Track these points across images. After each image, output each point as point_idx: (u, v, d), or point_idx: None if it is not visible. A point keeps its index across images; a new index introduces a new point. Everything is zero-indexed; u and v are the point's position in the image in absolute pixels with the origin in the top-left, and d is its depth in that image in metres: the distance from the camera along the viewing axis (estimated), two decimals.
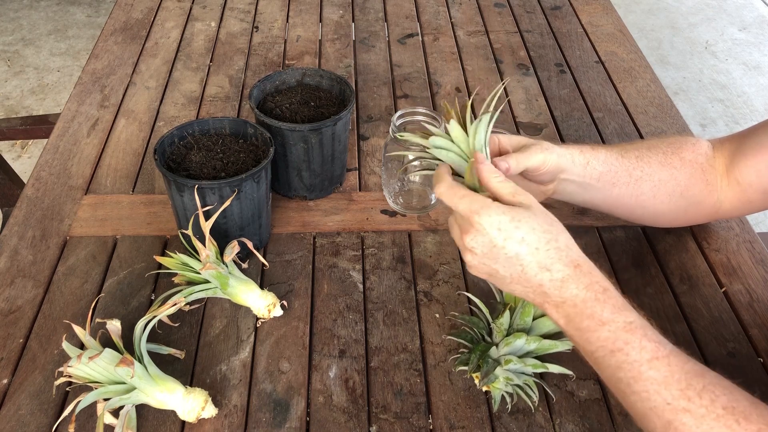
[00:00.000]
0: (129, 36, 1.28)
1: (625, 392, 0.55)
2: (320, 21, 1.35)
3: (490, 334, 0.70)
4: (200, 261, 0.75)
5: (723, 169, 0.77)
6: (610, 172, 0.73)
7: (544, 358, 0.69)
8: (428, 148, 0.66)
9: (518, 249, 0.58)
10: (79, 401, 0.64)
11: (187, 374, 0.72)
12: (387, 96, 1.14)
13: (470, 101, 0.65)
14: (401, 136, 0.71)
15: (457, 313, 0.77)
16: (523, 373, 0.68)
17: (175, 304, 0.71)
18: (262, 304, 0.76)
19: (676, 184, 0.76)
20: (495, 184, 0.61)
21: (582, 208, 0.91)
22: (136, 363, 0.65)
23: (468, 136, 0.63)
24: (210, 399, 0.67)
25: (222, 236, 0.79)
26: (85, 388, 0.67)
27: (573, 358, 0.74)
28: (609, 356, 0.55)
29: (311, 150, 0.86)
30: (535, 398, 0.68)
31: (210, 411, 0.67)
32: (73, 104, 1.09)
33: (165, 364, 0.70)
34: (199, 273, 0.74)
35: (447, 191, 0.61)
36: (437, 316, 0.78)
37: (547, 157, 0.69)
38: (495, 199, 0.60)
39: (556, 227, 0.59)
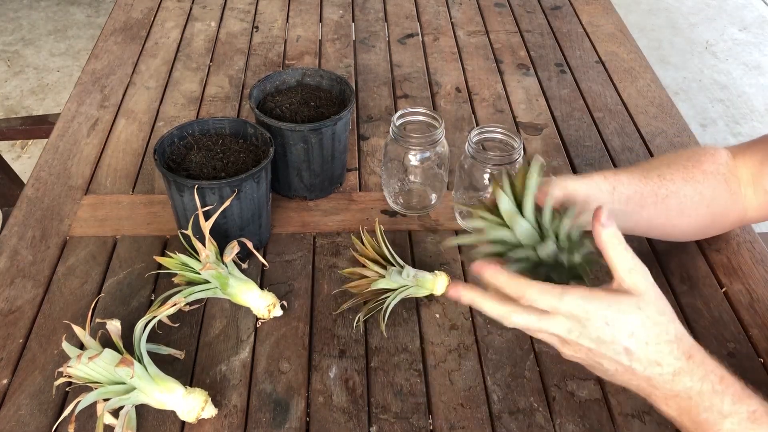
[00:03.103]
0: (129, 36, 1.27)
1: None
2: (320, 21, 1.35)
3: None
4: (200, 261, 0.75)
5: (748, 178, 0.76)
6: (636, 193, 0.71)
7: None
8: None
9: (627, 344, 0.53)
10: (79, 401, 0.64)
11: (187, 374, 0.72)
12: (387, 96, 1.14)
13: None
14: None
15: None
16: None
17: (175, 305, 0.71)
18: (262, 304, 0.76)
19: (701, 198, 0.75)
20: (615, 254, 0.54)
21: None
22: (136, 363, 0.65)
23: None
24: (210, 399, 0.67)
25: (222, 236, 0.79)
26: (85, 388, 0.66)
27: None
28: None
29: (311, 150, 0.86)
30: None
31: (210, 411, 0.67)
32: (73, 104, 1.09)
33: (165, 364, 0.70)
34: (198, 273, 0.74)
35: (541, 294, 0.53)
36: (437, 316, 0.78)
37: (567, 184, 0.63)
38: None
39: (668, 315, 0.54)
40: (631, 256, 0.55)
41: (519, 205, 0.58)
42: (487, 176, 0.83)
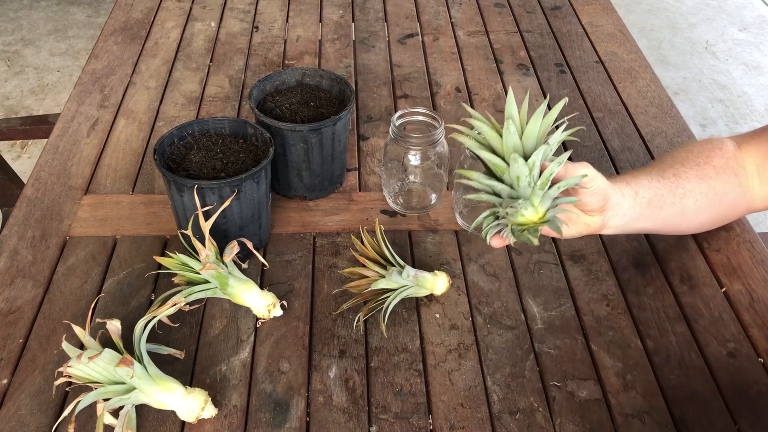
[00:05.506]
0: (129, 36, 1.28)
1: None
2: (320, 21, 1.35)
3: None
4: (200, 261, 0.75)
5: (754, 170, 0.78)
6: (656, 196, 0.74)
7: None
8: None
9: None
10: (79, 401, 0.64)
11: (187, 374, 0.72)
12: (387, 96, 1.14)
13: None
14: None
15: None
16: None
17: (175, 305, 0.71)
18: (262, 304, 0.76)
19: (715, 194, 0.77)
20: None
21: None
22: (136, 363, 0.65)
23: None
24: (210, 399, 0.67)
25: (222, 236, 0.79)
26: (85, 388, 0.67)
27: (573, 358, 0.74)
28: None
29: (311, 150, 0.86)
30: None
31: (210, 411, 0.67)
32: (73, 104, 1.09)
33: (165, 364, 0.70)
34: (198, 273, 0.74)
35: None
36: (437, 316, 0.78)
37: (593, 173, 0.67)
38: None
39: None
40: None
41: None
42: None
